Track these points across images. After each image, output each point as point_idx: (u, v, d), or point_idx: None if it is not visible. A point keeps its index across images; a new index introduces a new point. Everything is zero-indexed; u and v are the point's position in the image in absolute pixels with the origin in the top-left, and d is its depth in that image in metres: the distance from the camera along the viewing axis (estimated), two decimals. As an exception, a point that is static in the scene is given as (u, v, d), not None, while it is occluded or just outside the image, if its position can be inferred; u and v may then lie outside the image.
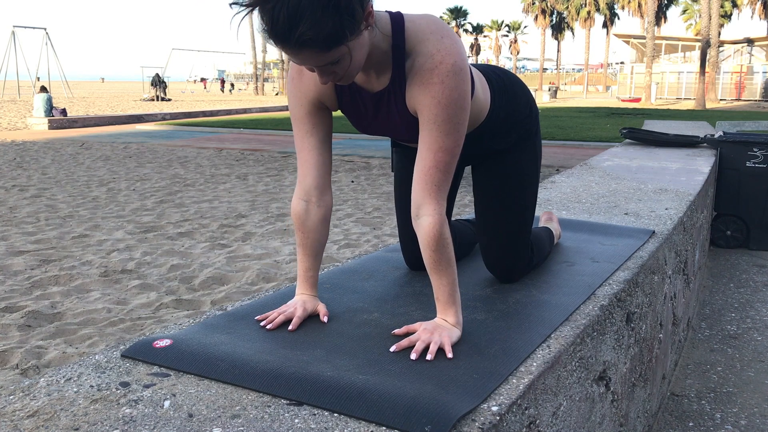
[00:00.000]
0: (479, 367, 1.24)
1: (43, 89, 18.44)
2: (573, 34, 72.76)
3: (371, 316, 1.53)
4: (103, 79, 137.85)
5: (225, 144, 13.28)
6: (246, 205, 6.92)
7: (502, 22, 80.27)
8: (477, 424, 1.04)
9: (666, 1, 53.94)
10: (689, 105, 31.14)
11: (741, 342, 3.36)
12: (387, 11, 1.42)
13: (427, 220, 1.38)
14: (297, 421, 1.05)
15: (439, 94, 1.36)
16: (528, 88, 1.86)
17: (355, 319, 1.50)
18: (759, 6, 49.55)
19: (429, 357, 1.27)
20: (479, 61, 66.52)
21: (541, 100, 39.66)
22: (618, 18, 67.09)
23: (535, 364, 1.27)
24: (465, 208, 6.68)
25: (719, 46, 36.84)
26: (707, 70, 31.36)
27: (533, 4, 69.57)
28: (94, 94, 45.57)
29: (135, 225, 5.89)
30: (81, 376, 1.21)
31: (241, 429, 1.02)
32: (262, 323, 1.45)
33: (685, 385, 2.87)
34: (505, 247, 1.79)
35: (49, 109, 17.59)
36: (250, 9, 1.20)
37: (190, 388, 1.16)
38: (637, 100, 35.52)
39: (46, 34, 35.07)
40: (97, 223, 5.96)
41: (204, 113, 22.77)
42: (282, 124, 17.51)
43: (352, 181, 8.53)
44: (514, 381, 1.20)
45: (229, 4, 1.21)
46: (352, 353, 1.30)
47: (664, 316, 2.48)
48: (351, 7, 1.21)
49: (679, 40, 45.42)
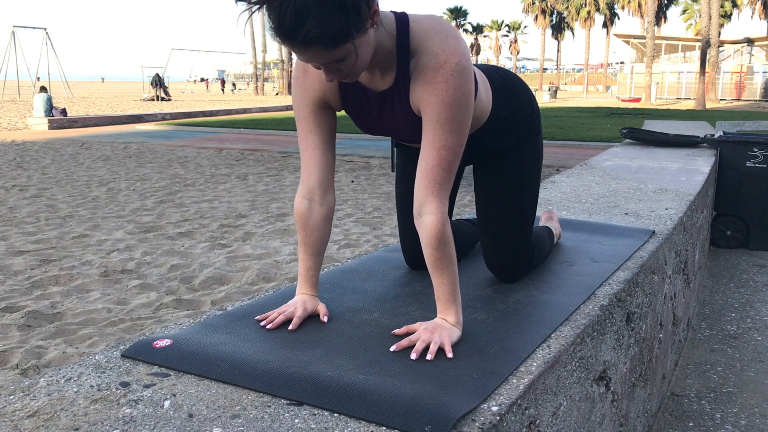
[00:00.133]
0: (479, 367, 1.24)
1: (43, 89, 18.44)
2: (573, 34, 72.78)
3: (371, 316, 1.53)
4: (103, 79, 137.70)
5: (225, 144, 13.28)
6: (246, 205, 6.92)
7: (502, 22, 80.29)
8: (477, 424, 1.04)
9: (666, 1, 53.95)
10: (689, 105, 31.14)
11: (741, 342, 3.36)
12: (392, 11, 1.43)
13: (429, 218, 1.39)
14: (297, 421, 1.05)
15: (443, 93, 1.36)
16: (529, 87, 1.86)
17: (355, 319, 1.50)
18: (759, 6, 49.56)
19: (429, 357, 1.27)
20: (479, 61, 66.55)
21: (541, 100, 39.66)
22: (618, 18, 67.11)
23: (535, 364, 1.27)
24: (465, 208, 6.68)
25: (719, 46, 36.84)
26: (707, 70, 31.36)
27: (533, 4, 69.58)
28: (94, 94, 45.58)
29: (135, 225, 5.89)
30: (81, 376, 1.21)
31: (241, 429, 1.02)
32: (262, 323, 1.45)
33: (685, 385, 2.87)
34: (506, 246, 1.79)
35: (49, 109, 17.59)
36: (257, 7, 1.21)
37: (190, 388, 1.16)
38: (637, 100, 35.53)
39: (46, 34, 35.09)
40: (97, 223, 5.96)
41: (204, 113, 22.77)
42: (282, 124, 17.51)
43: (352, 181, 8.53)
44: (514, 381, 1.20)
45: (236, 1, 1.21)
46: (352, 353, 1.30)
47: (664, 316, 2.48)
48: (357, 5, 1.22)
49: (679, 40, 45.42)
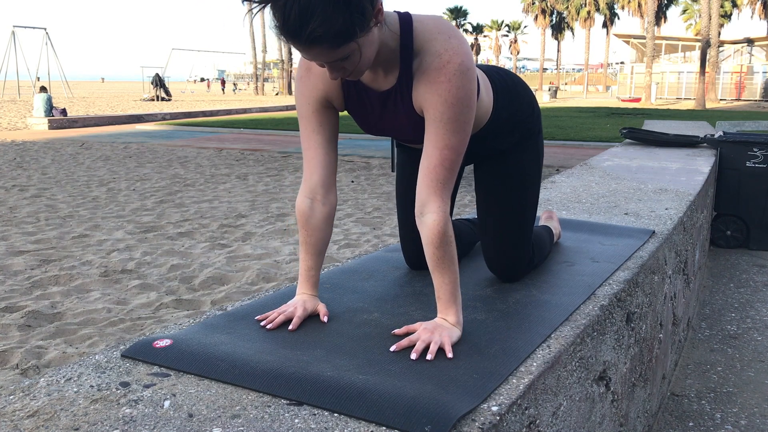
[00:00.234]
0: (479, 367, 1.24)
1: (43, 89, 18.44)
2: (573, 34, 72.77)
3: (371, 316, 1.53)
4: (103, 79, 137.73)
5: (225, 144, 13.28)
6: (246, 205, 6.92)
7: (502, 22, 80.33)
8: (477, 424, 1.04)
9: (666, 1, 53.94)
10: (689, 105, 31.14)
11: (741, 342, 3.36)
12: (396, 11, 1.43)
13: (431, 217, 1.39)
14: (297, 421, 1.05)
15: (446, 92, 1.37)
16: (530, 87, 1.86)
17: (355, 319, 1.50)
18: (759, 6, 49.55)
19: (429, 357, 1.27)
20: (479, 61, 66.50)
21: (541, 100, 39.66)
22: (618, 18, 67.11)
23: (535, 364, 1.27)
24: (465, 208, 6.68)
25: (719, 46, 36.84)
26: (707, 70, 31.36)
27: (533, 4, 69.58)
28: (94, 94, 45.57)
29: (135, 225, 5.89)
30: (81, 376, 1.20)
31: (241, 429, 1.02)
32: (262, 323, 1.45)
33: (685, 385, 2.87)
34: (507, 246, 1.80)
35: (49, 109, 17.59)
36: (262, 6, 1.21)
37: (190, 388, 1.16)
38: (637, 100, 35.52)
39: (46, 34, 35.09)
40: (97, 223, 5.96)
41: (204, 113, 22.77)
42: (282, 124, 17.51)
43: (352, 181, 8.53)
44: (514, 381, 1.20)
45: (242, 1, 1.22)
46: (352, 353, 1.30)
47: (664, 316, 2.48)
48: (361, 5, 1.23)
49: (679, 40, 45.41)
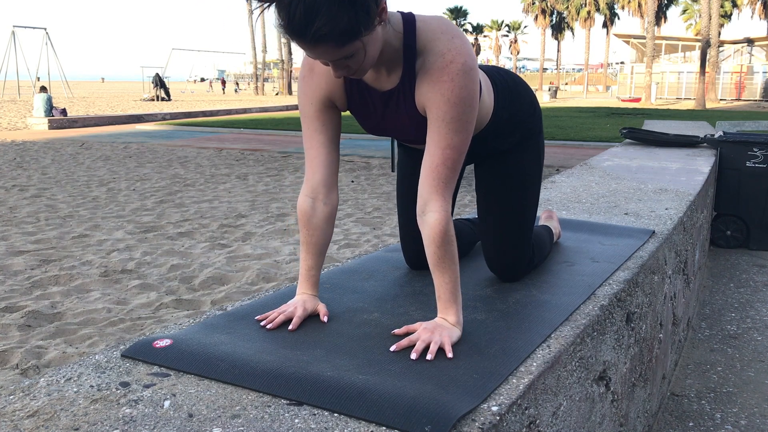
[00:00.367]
0: (479, 367, 1.24)
1: (43, 89, 18.44)
2: (573, 34, 72.77)
3: (371, 316, 1.53)
4: (103, 79, 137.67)
5: (225, 144, 13.28)
6: (246, 205, 6.92)
7: (502, 22, 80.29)
8: (477, 424, 1.04)
9: (666, 1, 53.94)
10: (689, 105, 31.14)
11: (741, 342, 3.36)
12: (399, 11, 1.44)
13: (433, 216, 1.39)
14: (297, 421, 1.05)
15: (449, 92, 1.37)
16: (530, 87, 1.87)
17: (355, 319, 1.50)
18: (759, 6, 49.55)
19: (429, 357, 1.27)
20: (479, 62, 66.39)
21: (541, 100, 39.67)
22: (618, 18, 67.10)
23: (535, 364, 1.27)
24: (465, 208, 6.68)
25: (719, 46, 36.83)
26: (707, 70, 31.36)
27: (533, 4, 69.57)
28: (94, 94, 45.57)
29: (135, 225, 5.89)
30: (81, 376, 1.20)
31: (241, 429, 1.02)
32: (262, 323, 1.45)
33: (685, 385, 2.87)
34: (507, 245, 1.80)
35: (49, 109, 17.59)
36: (267, 4, 1.21)
37: (190, 388, 1.16)
38: (637, 100, 35.52)
39: (46, 34, 35.08)
40: (97, 223, 5.96)
41: (204, 113, 22.77)
42: (282, 124, 17.51)
43: (352, 181, 8.53)
44: (514, 381, 1.20)
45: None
46: (352, 353, 1.30)
47: (664, 316, 2.48)
48: (366, 3, 1.23)
49: (679, 40, 45.40)
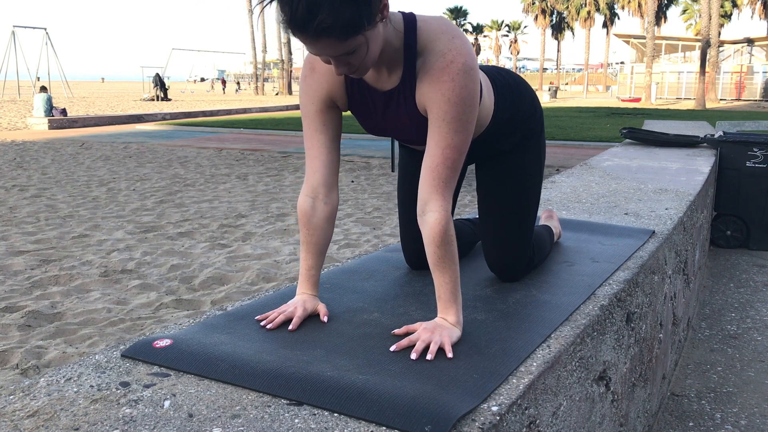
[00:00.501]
0: (479, 367, 1.24)
1: (43, 89, 18.45)
2: (573, 34, 72.77)
3: (371, 316, 1.53)
4: (103, 79, 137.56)
5: (225, 144, 13.28)
6: (246, 205, 6.92)
7: (502, 22, 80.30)
8: (477, 424, 1.04)
9: (666, 1, 53.94)
10: (689, 105, 31.14)
11: (741, 342, 3.36)
12: (400, 11, 1.44)
13: (433, 216, 1.39)
14: (297, 421, 1.05)
15: (449, 92, 1.37)
16: (531, 87, 1.87)
17: (355, 319, 1.50)
18: (759, 6, 49.56)
19: (429, 357, 1.27)
20: (479, 62, 66.40)
21: (542, 100, 39.64)
22: (618, 18, 67.11)
23: (535, 364, 1.27)
24: (465, 208, 6.68)
25: (719, 46, 36.83)
26: (707, 70, 31.36)
27: (533, 4, 69.58)
28: (94, 94, 45.57)
29: (135, 225, 5.89)
30: (81, 376, 1.20)
31: (241, 429, 1.02)
32: (262, 323, 1.46)
33: (685, 385, 2.87)
34: (508, 245, 1.80)
35: (49, 109, 17.59)
36: (269, 0, 1.22)
37: (190, 388, 1.16)
38: (637, 100, 35.52)
39: (46, 34, 35.08)
40: (97, 223, 5.96)
41: (204, 113, 22.77)
42: (282, 124, 17.51)
43: (352, 181, 8.53)
44: (514, 381, 1.20)
45: None
46: (352, 353, 1.30)
47: (664, 316, 2.48)
48: None
49: (679, 40, 45.40)
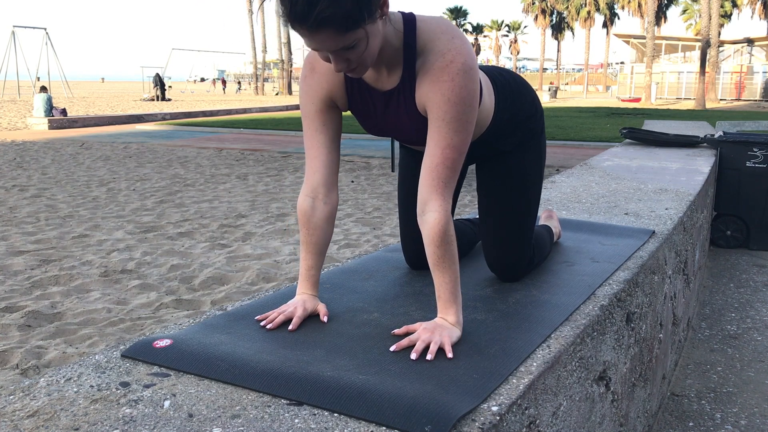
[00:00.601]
0: (479, 367, 1.24)
1: (43, 89, 18.45)
2: (573, 34, 72.79)
3: (371, 316, 1.53)
4: (103, 79, 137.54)
5: (225, 144, 13.28)
6: (246, 205, 6.92)
7: (502, 22, 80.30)
8: (477, 424, 1.04)
9: (666, 1, 53.95)
10: (689, 105, 31.14)
11: (741, 342, 3.36)
12: (400, 12, 1.44)
13: (432, 216, 1.39)
14: (297, 421, 1.05)
15: (449, 91, 1.37)
16: (532, 87, 1.86)
17: (355, 319, 1.50)
18: (759, 6, 49.56)
19: (429, 357, 1.27)
20: (479, 62, 66.43)
21: (542, 100, 39.53)
22: (618, 18, 67.12)
23: (535, 364, 1.27)
24: (465, 208, 6.68)
25: (719, 46, 36.83)
26: (707, 70, 31.35)
27: (533, 4, 69.58)
28: (94, 94, 45.56)
29: (135, 225, 5.89)
30: (81, 376, 1.20)
31: (241, 429, 1.02)
32: (262, 323, 1.46)
33: (685, 385, 2.87)
34: (508, 245, 1.80)
35: (49, 109, 17.59)
36: None
37: (190, 388, 1.16)
38: (637, 100, 35.52)
39: (46, 34, 35.08)
40: (97, 223, 5.96)
41: (204, 113, 22.77)
42: (282, 124, 17.51)
43: (352, 181, 8.53)
44: (514, 381, 1.20)
45: None
46: (352, 353, 1.30)
47: (664, 316, 2.48)
48: None
49: (679, 40, 45.40)
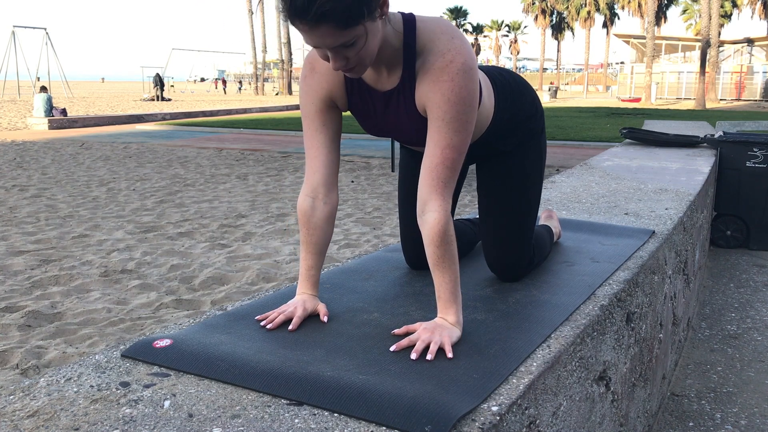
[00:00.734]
0: (479, 366, 1.24)
1: (43, 89, 18.45)
2: (573, 34, 72.81)
3: (371, 316, 1.53)
4: (103, 79, 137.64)
5: (225, 144, 13.28)
6: (246, 205, 6.92)
7: (502, 22, 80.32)
8: (477, 424, 1.04)
9: (666, 1, 53.95)
10: (689, 105, 31.14)
11: (741, 342, 3.36)
12: (400, 12, 1.44)
13: (432, 216, 1.39)
14: (297, 421, 1.05)
15: (449, 91, 1.37)
16: (532, 87, 1.86)
17: (355, 319, 1.50)
18: (759, 6, 49.58)
19: (429, 357, 1.27)
20: (479, 62, 66.49)
21: (542, 100, 39.57)
22: (618, 18, 67.14)
23: (535, 364, 1.27)
24: (465, 208, 6.68)
25: (719, 46, 36.83)
26: (707, 70, 31.36)
27: (533, 4, 69.59)
28: (94, 94, 45.56)
29: (135, 225, 5.89)
30: (81, 376, 1.20)
31: (241, 429, 1.02)
32: (262, 323, 1.45)
33: (685, 385, 2.87)
34: (508, 245, 1.80)
35: (49, 109, 17.59)
36: None
37: (190, 388, 1.16)
38: (637, 100, 35.52)
39: (46, 34, 35.08)
40: (97, 223, 5.96)
41: (204, 113, 22.77)
42: (282, 124, 17.51)
43: (352, 181, 8.53)
44: (514, 381, 1.20)
45: None
46: (352, 353, 1.30)
47: (664, 316, 2.48)
48: None
49: (679, 40, 45.40)
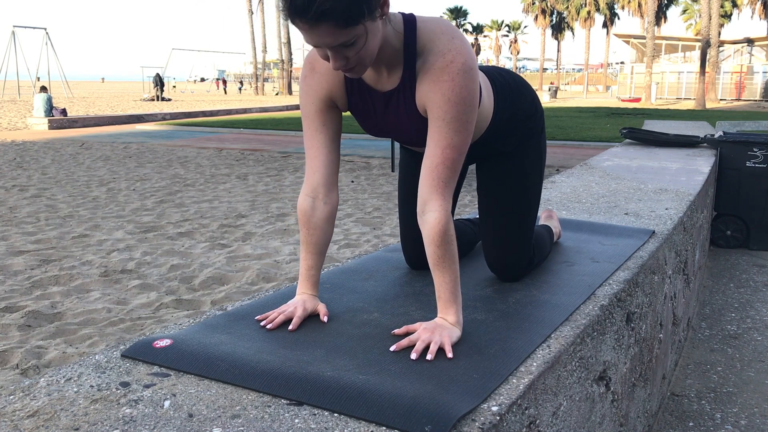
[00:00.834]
0: (479, 367, 1.24)
1: (43, 89, 18.44)
2: (573, 34, 72.82)
3: (371, 316, 1.53)
4: (103, 79, 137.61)
5: (225, 144, 13.28)
6: (246, 205, 6.92)
7: (502, 22, 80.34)
8: (477, 424, 1.04)
9: (666, 1, 53.96)
10: (689, 105, 31.14)
11: (741, 342, 3.36)
12: (400, 12, 1.44)
13: (432, 215, 1.39)
14: (297, 421, 1.05)
15: (449, 91, 1.37)
16: (531, 87, 1.86)
17: (355, 319, 1.50)
18: (759, 6, 49.58)
19: (429, 357, 1.27)
20: (479, 62, 66.46)
21: (542, 100, 39.58)
22: (618, 18, 67.13)
23: (535, 364, 1.27)
24: (465, 208, 6.68)
25: (719, 46, 36.83)
26: (707, 70, 31.36)
27: (533, 4, 69.60)
28: (94, 94, 45.56)
29: (135, 225, 5.89)
30: (81, 376, 1.20)
31: (241, 429, 1.02)
32: (262, 323, 1.46)
33: (685, 385, 2.87)
34: (508, 245, 1.80)
35: (49, 109, 17.59)
36: None
37: (190, 388, 1.16)
38: (637, 100, 35.52)
39: (46, 34, 35.08)
40: (97, 223, 5.96)
41: (204, 113, 22.77)
42: (282, 124, 17.51)
43: (352, 181, 8.53)
44: (514, 381, 1.20)
45: None
46: (352, 353, 1.30)
47: (664, 316, 2.48)
48: None
49: (679, 40, 45.40)
